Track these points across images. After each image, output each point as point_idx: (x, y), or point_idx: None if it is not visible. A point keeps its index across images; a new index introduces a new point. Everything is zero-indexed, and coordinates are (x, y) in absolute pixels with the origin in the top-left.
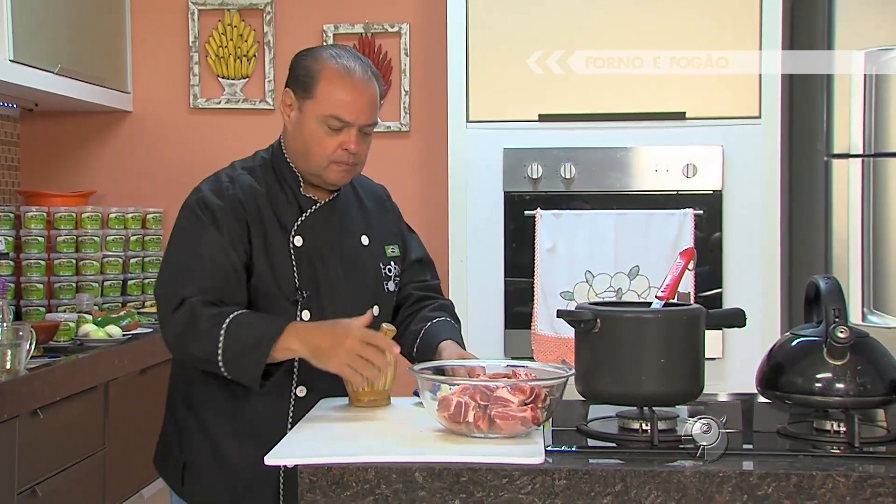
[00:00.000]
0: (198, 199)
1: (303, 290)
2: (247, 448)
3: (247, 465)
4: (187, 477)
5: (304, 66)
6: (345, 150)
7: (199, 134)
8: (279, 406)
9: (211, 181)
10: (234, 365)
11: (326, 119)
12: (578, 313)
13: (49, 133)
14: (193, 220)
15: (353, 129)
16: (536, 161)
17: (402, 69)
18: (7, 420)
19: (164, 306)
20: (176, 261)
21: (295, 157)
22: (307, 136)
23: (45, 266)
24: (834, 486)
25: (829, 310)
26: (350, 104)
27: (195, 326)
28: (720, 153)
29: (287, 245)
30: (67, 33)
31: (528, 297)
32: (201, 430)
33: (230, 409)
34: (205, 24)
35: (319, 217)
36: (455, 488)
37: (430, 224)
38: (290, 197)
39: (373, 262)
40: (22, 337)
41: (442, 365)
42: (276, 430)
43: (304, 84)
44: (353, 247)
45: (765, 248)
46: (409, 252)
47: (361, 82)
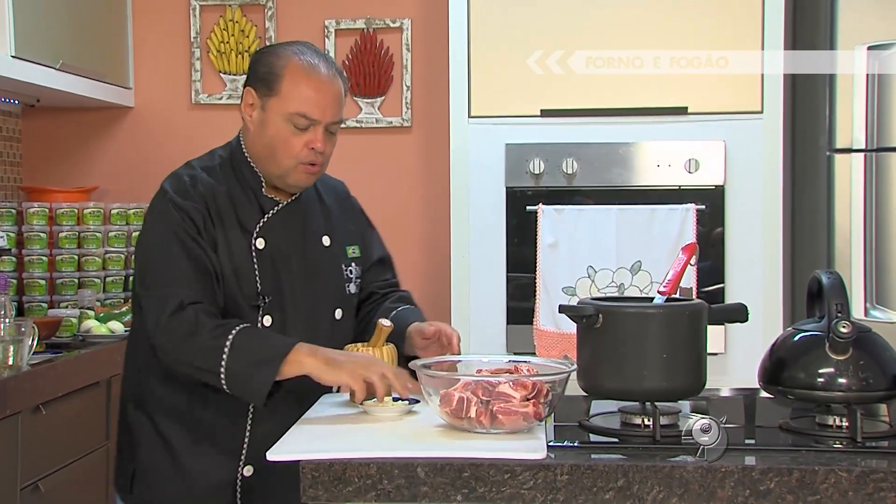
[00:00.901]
0: (170, 201)
1: (265, 294)
2: (204, 455)
3: (202, 471)
4: (137, 483)
5: (267, 63)
6: (311, 149)
7: (201, 129)
8: (239, 412)
9: (173, 182)
10: (239, 379)
11: (292, 117)
12: (580, 308)
13: (51, 129)
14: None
15: (319, 128)
16: (538, 156)
17: (404, 64)
18: (9, 416)
19: (156, 309)
20: (160, 262)
21: (258, 159)
22: (272, 135)
23: (47, 262)
24: (836, 481)
25: (831, 305)
26: (316, 101)
27: (197, 335)
28: (722, 148)
29: (248, 248)
30: (69, 29)
31: (530, 293)
32: (155, 434)
33: (188, 414)
34: (206, 19)
35: (281, 219)
36: (457, 483)
37: (432, 220)
38: (251, 198)
39: (334, 265)
40: (24, 333)
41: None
42: (234, 437)
43: (266, 81)
44: (316, 249)
45: (767, 243)
46: (370, 251)
47: (327, 79)
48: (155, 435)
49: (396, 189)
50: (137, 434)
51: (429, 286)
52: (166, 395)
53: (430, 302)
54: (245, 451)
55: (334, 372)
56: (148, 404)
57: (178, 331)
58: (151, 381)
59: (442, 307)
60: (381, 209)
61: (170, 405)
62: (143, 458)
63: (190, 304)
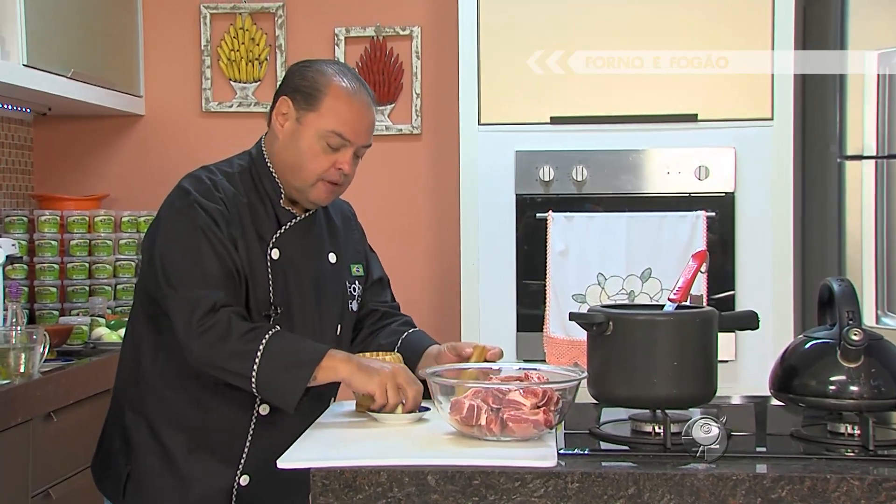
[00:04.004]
0: (194, 201)
1: (276, 305)
2: (201, 462)
3: (198, 479)
4: (130, 488)
5: (310, 79)
6: (338, 169)
7: (211, 137)
8: (241, 422)
9: (195, 183)
10: (271, 383)
11: (327, 135)
12: (591, 316)
13: (62, 137)
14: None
15: (350, 150)
16: (548, 163)
17: (414, 72)
18: (21, 423)
19: (186, 310)
20: (188, 262)
21: (281, 169)
22: (302, 149)
23: (58, 269)
24: (848, 490)
25: (842, 312)
26: (353, 124)
27: (229, 337)
28: (732, 155)
29: (264, 257)
30: (80, 38)
31: (540, 300)
32: (152, 439)
33: (188, 420)
34: (217, 27)
35: (296, 232)
36: (467, 491)
37: (442, 227)
38: (269, 208)
39: (339, 281)
40: (35, 340)
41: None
42: (234, 446)
43: (307, 95)
44: (323, 265)
45: (778, 250)
46: (371, 271)
47: (365, 104)
48: (152, 440)
49: (406, 196)
50: (133, 438)
51: (438, 293)
52: (172, 401)
53: (439, 309)
54: (244, 460)
55: (368, 379)
56: (148, 408)
57: (211, 333)
58: (158, 385)
59: (452, 314)
60: (391, 217)
61: (173, 411)
62: (138, 462)
63: (222, 306)
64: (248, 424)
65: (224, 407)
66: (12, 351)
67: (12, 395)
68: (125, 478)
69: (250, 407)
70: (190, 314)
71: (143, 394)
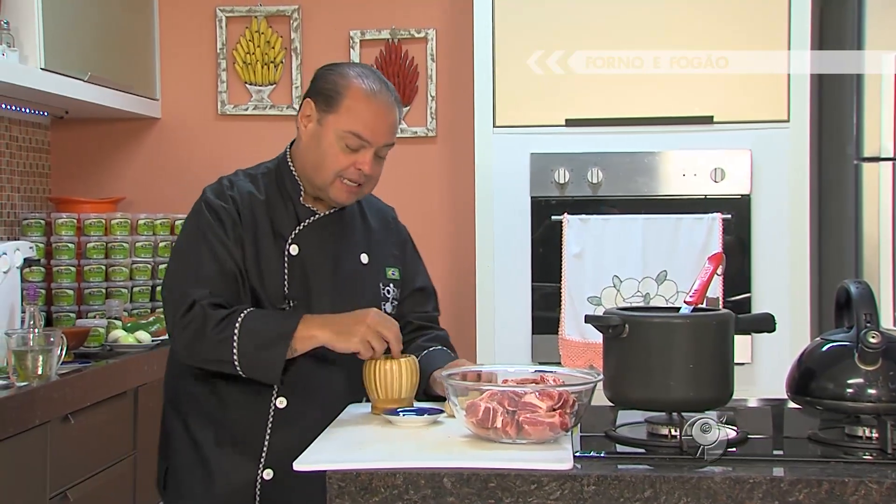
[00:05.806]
0: (203, 201)
1: (291, 299)
2: (227, 455)
3: (224, 472)
4: (169, 481)
5: (331, 81)
6: (358, 169)
7: (227, 140)
8: (259, 416)
9: (214, 185)
10: (252, 362)
11: (345, 136)
12: (606, 318)
13: (79, 140)
14: (199, 221)
15: (369, 150)
16: (563, 166)
17: (429, 75)
18: (38, 425)
19: (172, 309)
20: (184, 262)
21: (303, 168)
22: (323, 149)
23: (75, 272)
24: (867, 493)
25: (860, 315)
26: (371, 124)
27: (206, 329)
28: (748, 157)
29: (281, 253)
30: (97, 42)
31: (556, 302)
32: (186, 434)
33: (214, 414)
34: (232, 31)
35: (317, 229)
36: (483, 494)
37: (458, 229)
38: (289, 206)
39: (372, 282)
40: (53, 343)
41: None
42: (254, 439)
43: (327, 98)
44: (352, 263)
45: (794, 252)
46: (413, 279)
47: (385, 105)
48: (186, 435)
49: (422, 199)
50: (171, 435)
51: (454, 296)
52: (201, 396)
53: (455, 312)
54: (265, 454)
55: (344, 340)
56: (182, 405)
57: (189, 329)
58: (188, 382)
59: (467, 317)
60: (406, 219)
61: (202, 406)
62: (175, 457)
63: (199, 302)
64: (267, 418)
65: (242, 400)
66: (30, 353)
67: (30, 398)
68: (165, 471)
69: (267, 400)
70: (173, 314)
71: (177, 389)
